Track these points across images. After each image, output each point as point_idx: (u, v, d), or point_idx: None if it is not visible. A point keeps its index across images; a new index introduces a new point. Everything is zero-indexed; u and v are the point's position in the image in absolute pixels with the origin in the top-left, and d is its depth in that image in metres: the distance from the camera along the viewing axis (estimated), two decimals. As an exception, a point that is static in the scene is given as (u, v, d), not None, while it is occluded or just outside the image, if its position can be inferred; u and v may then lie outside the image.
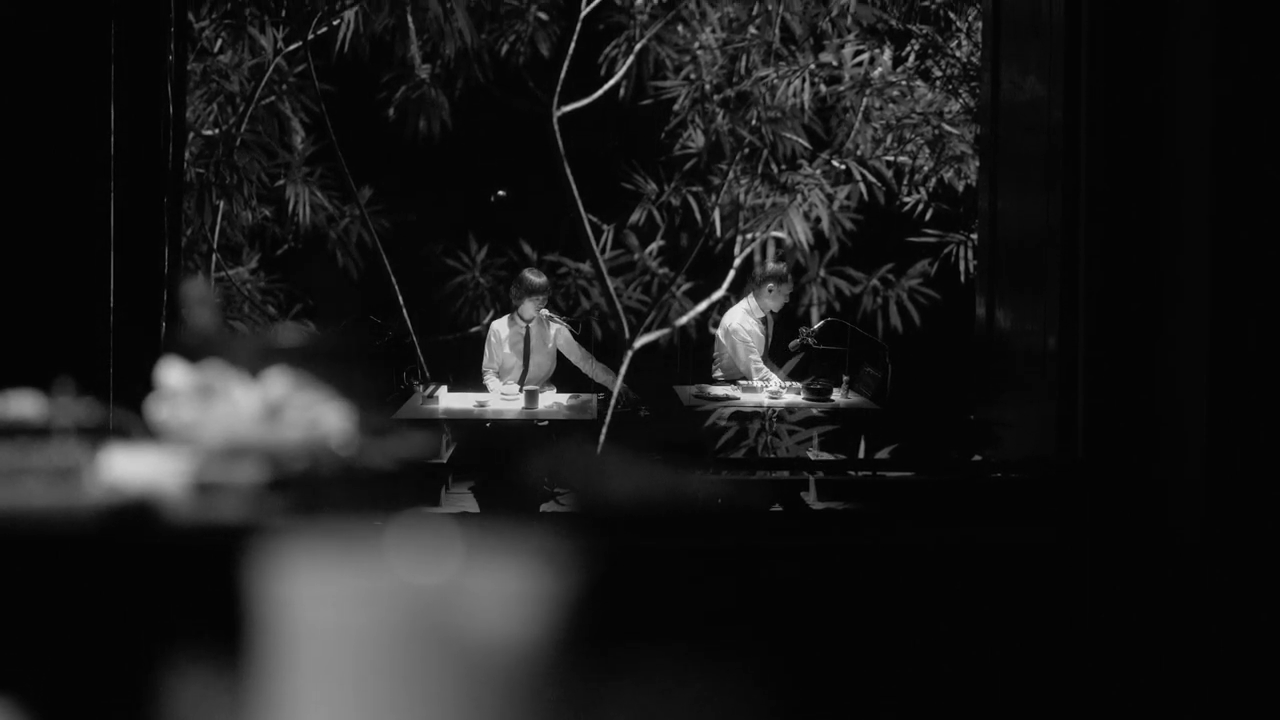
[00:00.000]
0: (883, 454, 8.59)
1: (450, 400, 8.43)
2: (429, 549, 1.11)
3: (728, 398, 8.63)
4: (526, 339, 8.71)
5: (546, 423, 8.39)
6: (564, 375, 8.87)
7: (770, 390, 8.58)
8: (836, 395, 8.59)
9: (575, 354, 8.90)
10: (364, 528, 1.13)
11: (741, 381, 8.77)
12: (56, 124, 5.34)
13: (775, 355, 9.09)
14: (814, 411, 8.67)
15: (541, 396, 8.25)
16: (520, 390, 8.32)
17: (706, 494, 5.75)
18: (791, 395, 8.57)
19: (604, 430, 9.16)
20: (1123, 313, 5.52)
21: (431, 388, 8.36)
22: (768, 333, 9.10)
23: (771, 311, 9.11)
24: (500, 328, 8.78)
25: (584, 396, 8.65)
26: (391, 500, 2.28)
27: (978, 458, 6.91)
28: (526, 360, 8.71)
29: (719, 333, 9.22)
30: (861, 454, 8.89)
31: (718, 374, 9.16)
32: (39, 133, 5.30)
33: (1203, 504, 5.05)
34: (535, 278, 8.65)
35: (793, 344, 9.17)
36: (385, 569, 1.09)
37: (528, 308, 8.63)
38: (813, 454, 8.67)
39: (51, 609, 2.03)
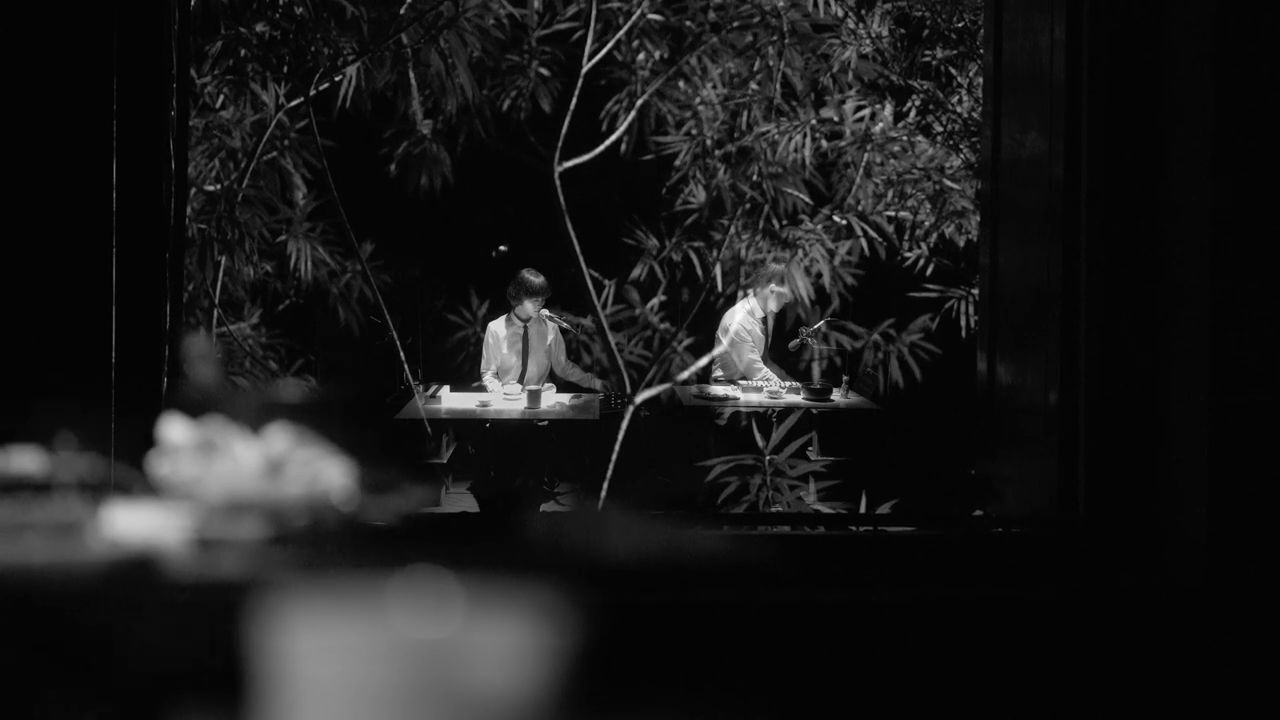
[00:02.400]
0: (883, 509, 8.58)
1: (452, 400, 8.44)
2: (431, 604, 1.11)
3: (728, 398, 8.65)
4: (525, 339, 8.71)
5: (546, 423, 8.41)
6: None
7: (770, 390, 8.61)
8: (836, 395, 8.62)
9: (561, 358, 8.91)
10: (366, 583, 1.13)
11: (741, 381, 8.80)
12: (58, 179, 5.35)
13: (775, 355, 9.15)
14: (813, 412, 8.70)
15: (544, 396, 8.27)
16: (522, 390, 8.33)
17: (707, 548, 5.74)
18: (791, 395, 8.60)
19: (620, 433, 9.16)
20: (1123, 367, 5.51)
21: (434, 388, 8.39)
22: (768, 333, 9.13)
23: (771, 312, 9.15)
24: (498, 328, 8.79)
25: (586, 396, 8.66)
26: (394, 556, 2.27)
27: (979, 513, 6.89)
28: (525, 360, 8.71)
29: (719, 333, 9.25)
30: (862, 508, 8.89)
31: (718, 374, 9.19)
32: (40, 188, 5.31)
33: (1204, 558, 5.04)
34: (534, 278, 8.67)
35: (792, 344, 9.21)
36: (387, 624, 1.09)
37: (527, 308, 8.64)
38: (813, 506, 8.67)
39: (52, 665, 2.03)
